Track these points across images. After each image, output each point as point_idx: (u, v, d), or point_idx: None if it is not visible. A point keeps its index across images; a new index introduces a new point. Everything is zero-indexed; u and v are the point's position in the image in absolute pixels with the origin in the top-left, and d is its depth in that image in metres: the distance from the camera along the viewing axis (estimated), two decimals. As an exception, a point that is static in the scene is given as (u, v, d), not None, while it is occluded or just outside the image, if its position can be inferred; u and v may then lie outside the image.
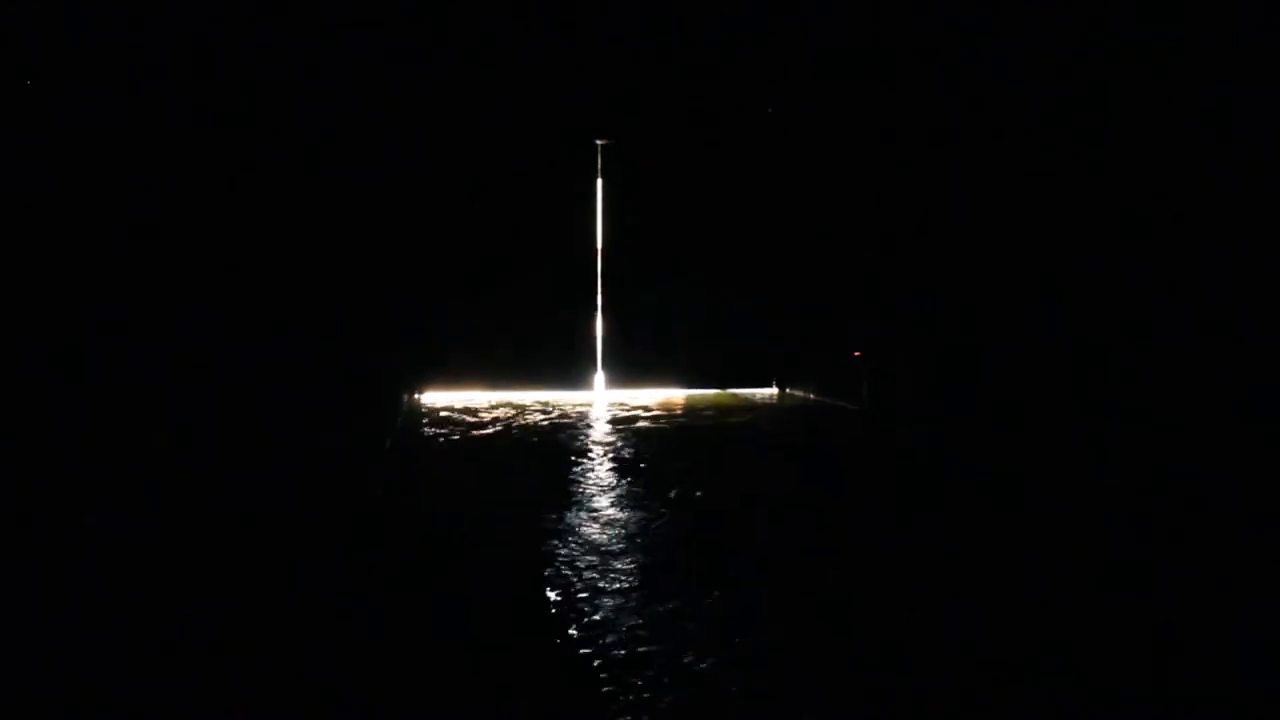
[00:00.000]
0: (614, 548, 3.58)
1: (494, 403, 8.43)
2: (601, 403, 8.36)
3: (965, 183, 6.33)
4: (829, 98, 8.16)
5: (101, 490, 2.51)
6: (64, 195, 2.61)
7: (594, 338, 9.08)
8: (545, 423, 7.06)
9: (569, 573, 3.28)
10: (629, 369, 9.12)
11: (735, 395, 9.12)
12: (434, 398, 8.67)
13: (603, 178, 8.97)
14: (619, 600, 2.97)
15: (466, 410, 7.91)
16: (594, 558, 3.45)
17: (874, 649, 2.58)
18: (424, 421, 7.30)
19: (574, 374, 9.04)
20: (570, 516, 4.11)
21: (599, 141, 8.90)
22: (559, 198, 8.88)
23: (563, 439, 6.29)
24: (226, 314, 3.45)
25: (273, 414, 3.78)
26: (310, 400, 4.41)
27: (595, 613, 2.86)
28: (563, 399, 8.64)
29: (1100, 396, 4.89)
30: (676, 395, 8.98)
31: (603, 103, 8.76)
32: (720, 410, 7.93)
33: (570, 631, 2.71)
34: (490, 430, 6.73)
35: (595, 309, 9.05)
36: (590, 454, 5.66)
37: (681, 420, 7.22)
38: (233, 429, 3.23)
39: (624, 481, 4.84)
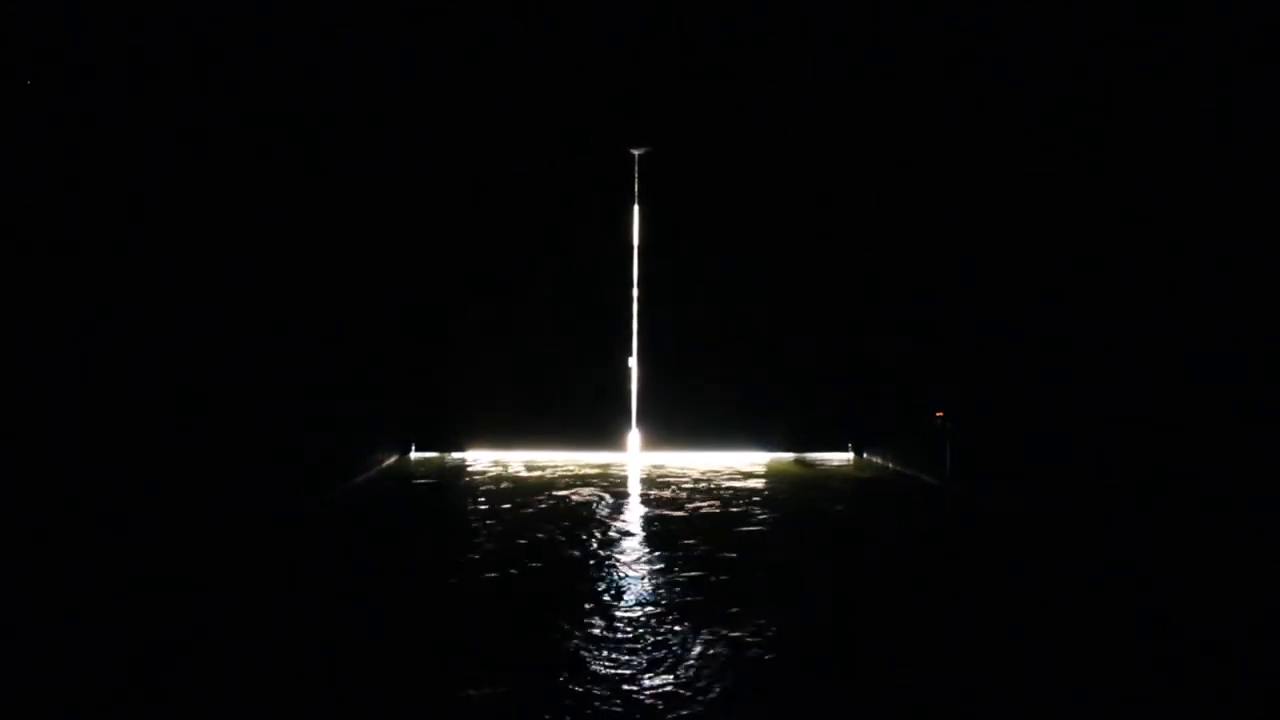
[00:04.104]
0: None
1: (491, 474, 6.81)
2: (635, 479, 6.41)
3: (1076, 210, 4.45)
4: (914, 107, 6.40)
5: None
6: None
7: (627, 387, 7.39)
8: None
9: None
10: (669, 427, 7.35)
11: (806, 463, 7.23)
12: (429, 456, 7.13)
13: (640, 192, 7.38)
14: None
15: (446, 477, 6.32)
16: None
17: None
18: (372, 501, 5.75)
19: (601, 431, 7.34)
20: None
21: (635, 151, 7.34)
22: (586, 215, 7.32)
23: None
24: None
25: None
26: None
27: None
28: (584, 464, 6.94)
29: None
30: (732, 463, 7.14)
31: (639, 102, 7.23)
32: (795, 484, 6.08)
33: None
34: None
35: (629, 352, 7.38)
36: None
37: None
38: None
39: None
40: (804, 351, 7.34)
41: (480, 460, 7.03)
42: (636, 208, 7.36)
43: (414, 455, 7.23)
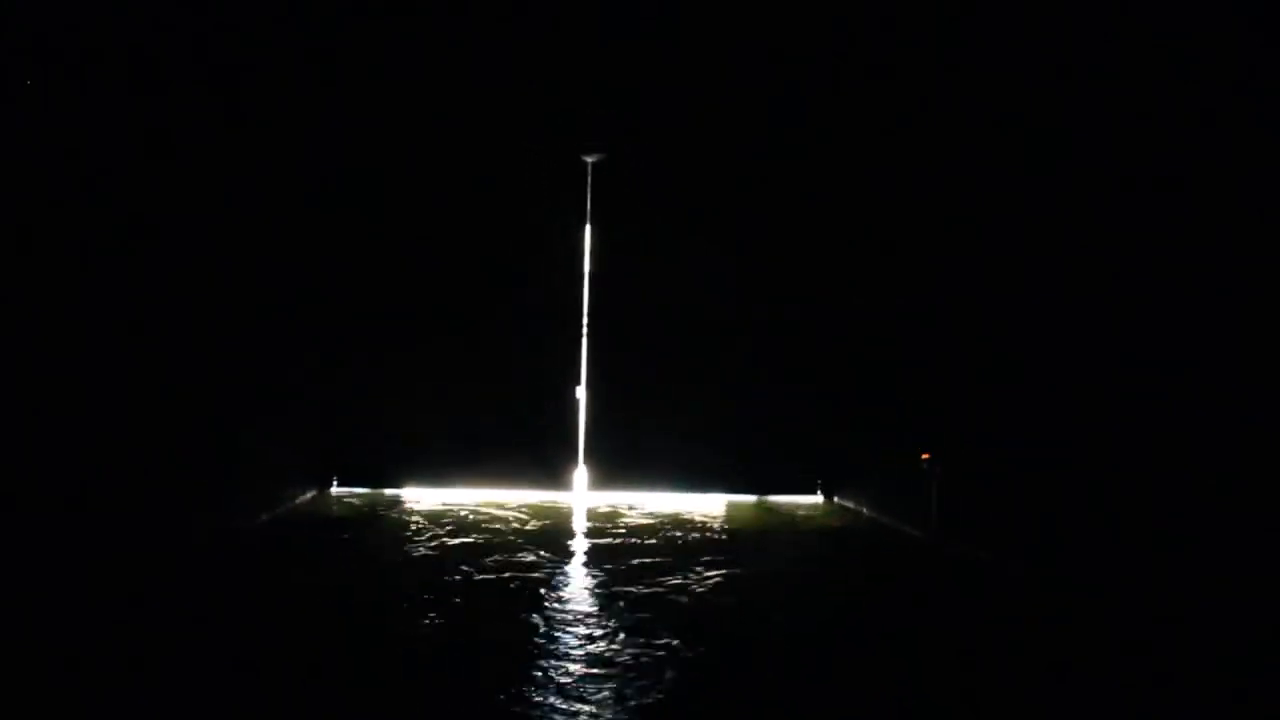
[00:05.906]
0: None
1: (417, 525, 6.12)
2: (579, 539, 5.50)
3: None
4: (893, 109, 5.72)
5: None
6: None
7: (575, 421, 6.67)
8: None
9: None
10: (621, 465, 6.61)
11: (768, 505, 6.50)
12: (356, 492, 6.43)
13: (593, 204, 6.68)
14: None
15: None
16: None
17: None
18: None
19: (545, 469, 6.62)
20: None
21: (589, 159, 6.66)
22: (533, 229, 6.62)
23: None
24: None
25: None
26: None
27: None
28: (521, 505, 6.23)
29: None
30: (688, 506, 6.40)
31: (594, 104, 6.55)
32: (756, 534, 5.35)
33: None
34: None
35: (578, 381, 6.67)
36: None
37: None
38: None
39: None
40: (772, 383, 6.61)
41: (410, 499, 6.34)
42: (589, 222, 6.68)
43: (335, 490, 6.53)
